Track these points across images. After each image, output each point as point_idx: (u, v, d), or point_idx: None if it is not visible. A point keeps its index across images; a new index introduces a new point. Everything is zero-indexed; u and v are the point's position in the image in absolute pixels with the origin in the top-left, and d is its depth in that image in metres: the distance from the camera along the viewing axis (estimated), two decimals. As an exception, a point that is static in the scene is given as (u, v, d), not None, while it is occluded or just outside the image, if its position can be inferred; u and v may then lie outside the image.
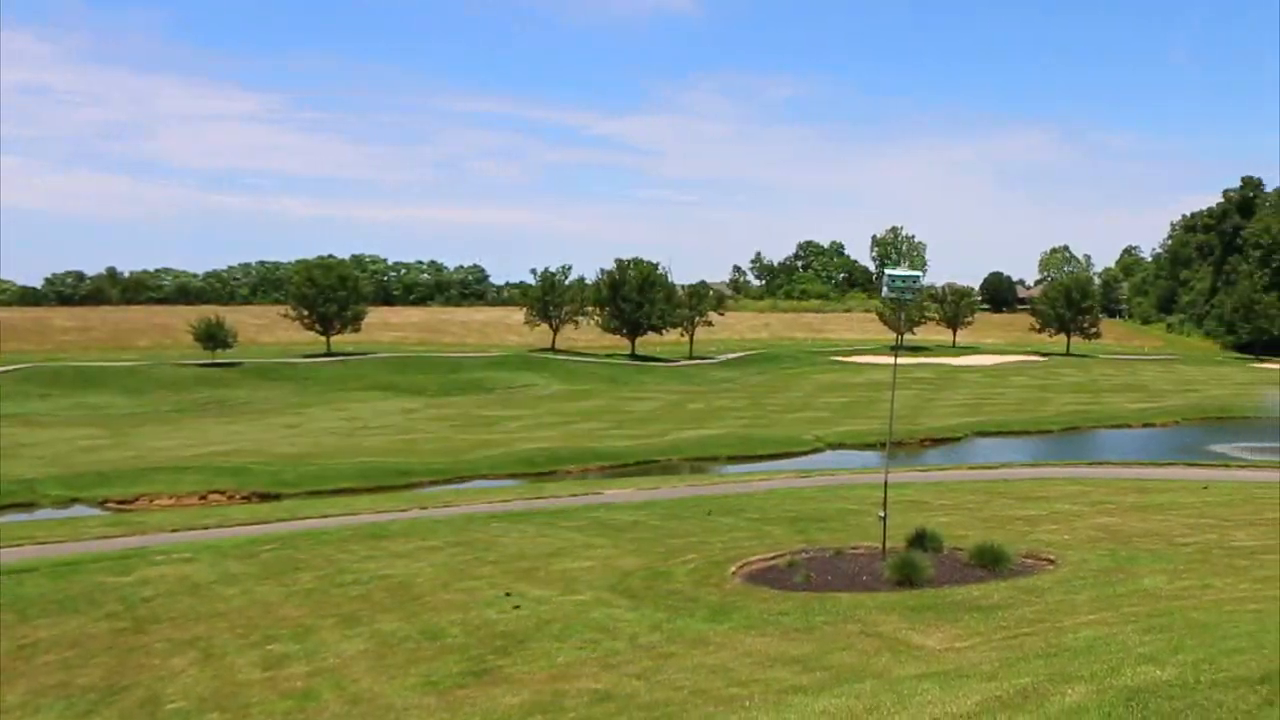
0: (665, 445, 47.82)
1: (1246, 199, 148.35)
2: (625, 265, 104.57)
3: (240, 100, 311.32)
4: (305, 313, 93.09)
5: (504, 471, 41.61)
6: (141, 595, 16.53)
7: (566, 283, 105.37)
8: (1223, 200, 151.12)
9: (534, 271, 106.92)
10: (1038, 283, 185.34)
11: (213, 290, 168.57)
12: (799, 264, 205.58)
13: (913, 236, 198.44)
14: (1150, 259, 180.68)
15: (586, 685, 10.12)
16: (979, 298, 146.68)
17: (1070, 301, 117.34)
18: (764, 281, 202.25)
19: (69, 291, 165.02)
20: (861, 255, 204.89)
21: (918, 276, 16.53)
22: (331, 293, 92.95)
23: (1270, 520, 19.92)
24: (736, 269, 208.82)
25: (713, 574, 15.68)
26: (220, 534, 23.61)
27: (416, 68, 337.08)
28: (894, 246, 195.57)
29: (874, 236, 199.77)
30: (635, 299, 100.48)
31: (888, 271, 16.50)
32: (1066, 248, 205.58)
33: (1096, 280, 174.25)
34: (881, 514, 16.25)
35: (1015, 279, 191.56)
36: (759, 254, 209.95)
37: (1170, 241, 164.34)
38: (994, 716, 6.16)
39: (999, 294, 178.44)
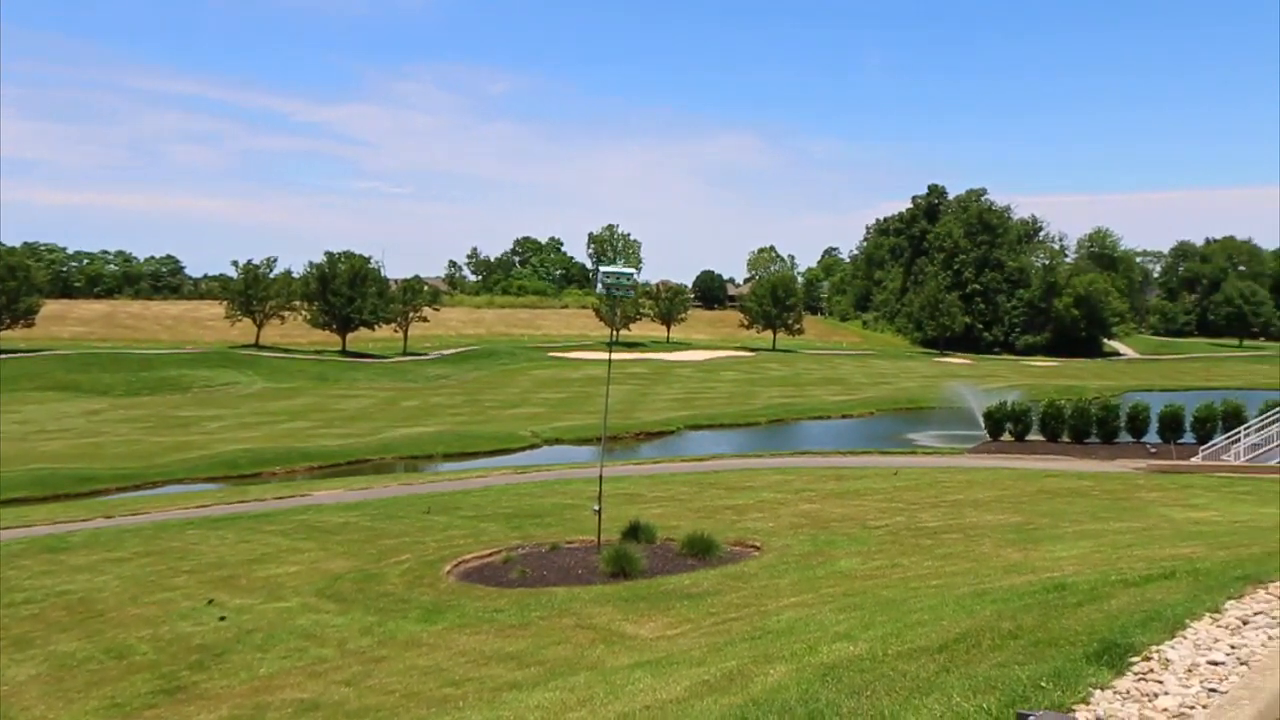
0: (378, 444, 46.56)
1: (932, 205, 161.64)
2: (335, 258, 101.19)
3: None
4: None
5: (202, 475, 39.17)
6: None
7: (271, 276, 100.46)
8: (911, 206, 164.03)
9: (235, 264, 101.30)
10: (746, 281, 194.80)
11: None
12: (517, 260, 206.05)
13: (628, 234, 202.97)
14: (848, 260, 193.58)
15: (292, 695, 9.65)
16: (691, 295, 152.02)
17: (776, 299, 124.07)
18: (481, 277, 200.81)
19: None
20: (579, 252, 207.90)
21: (632, 274, 16.87)
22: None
23: (951, 502, 21.80)
24: (453, 264, 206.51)
25: (427, 574, 15.39)
26: None
27: (100, 41, 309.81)
28: (610, 244, 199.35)
29: (590, 234, 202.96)
30: (346, 293, 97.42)
31: (602, 269, 16.75)
32: (773, 248, 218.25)
33: (800, 279, 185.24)
34: (596, 508, 16.49)
35: (726, 277, 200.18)
36: (475, 249, 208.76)
37: (866, 244, 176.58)
38: (702, 700, 6.29)
39: (710, 291, 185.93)
